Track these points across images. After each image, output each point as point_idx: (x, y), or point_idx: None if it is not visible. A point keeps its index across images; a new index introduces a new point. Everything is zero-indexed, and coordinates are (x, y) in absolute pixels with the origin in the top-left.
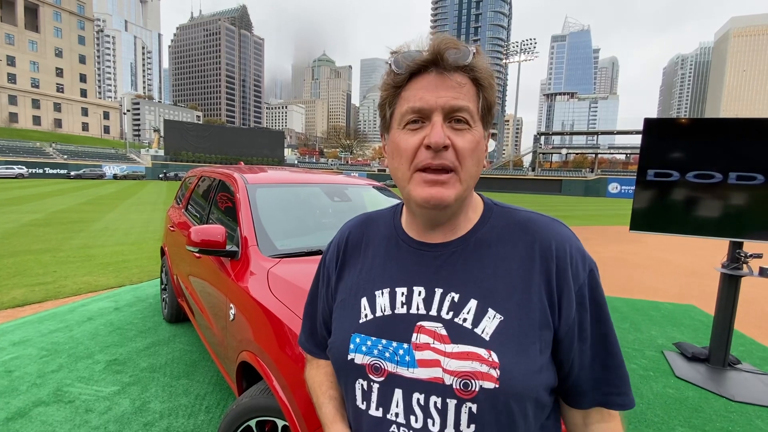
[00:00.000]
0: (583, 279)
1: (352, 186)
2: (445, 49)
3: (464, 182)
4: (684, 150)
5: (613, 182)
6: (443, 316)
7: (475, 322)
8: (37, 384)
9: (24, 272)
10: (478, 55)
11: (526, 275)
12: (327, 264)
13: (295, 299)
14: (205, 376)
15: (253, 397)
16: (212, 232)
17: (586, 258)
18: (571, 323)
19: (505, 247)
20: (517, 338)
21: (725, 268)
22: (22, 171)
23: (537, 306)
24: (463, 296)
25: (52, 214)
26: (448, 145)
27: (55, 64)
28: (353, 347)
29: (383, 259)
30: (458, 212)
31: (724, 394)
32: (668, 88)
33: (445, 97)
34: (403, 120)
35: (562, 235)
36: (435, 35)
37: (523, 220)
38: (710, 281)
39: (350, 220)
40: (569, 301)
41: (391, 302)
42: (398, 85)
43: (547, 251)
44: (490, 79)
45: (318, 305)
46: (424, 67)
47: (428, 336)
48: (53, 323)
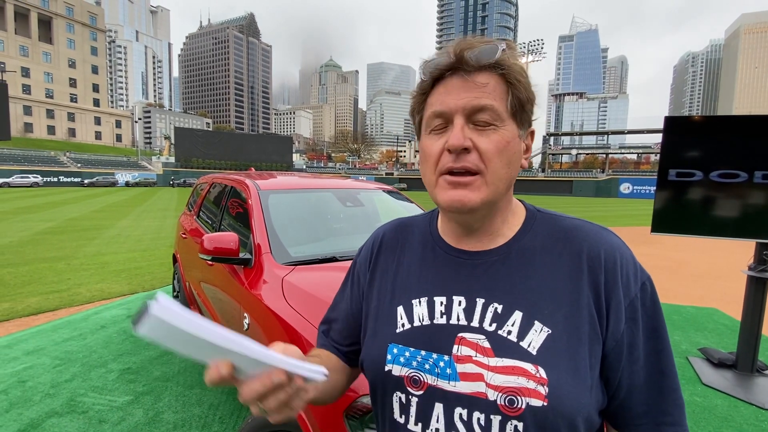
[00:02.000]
0: (635, 292)
1: (364, 191)
2: (467, 50)
3: (491, 185)
4: (707, 149)
5: (625, 182)
6: (486, 327)
7: (520, 335)
8: (51, 394)
9: (38, 280)
10: (508, 50)
11: (573, 286)
12: (358, 266)
13: (310, 308)
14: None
15: None
16: (225, 240)
17: (638, 269)
18: (618, 339)
19: (550, 256)
20: (566, 353)
21: (752, 270)
22: (37, 180)
23: (586, 319)
24: (507, 307)
25: (66, 221)
26: (470, 147)
27: (69, 75)
28: (390, 358)
29: (419, 266)
30: (495, 217)
31: (755, 401)
32: (679, 86)
33: (465, 98)
34: (429, 125)
35: (612, 244)
36: (465, 38)
37: (569, 227)
38: (732, 283)
39: (384, 225)
40: (618, 314)
41: (429, 312)
42: (424, 92)
43: (596, 261)
44: (519, 75)
45: (341, 309)
46: (446, 71)
47: (470, 348)
48: (67, 331)
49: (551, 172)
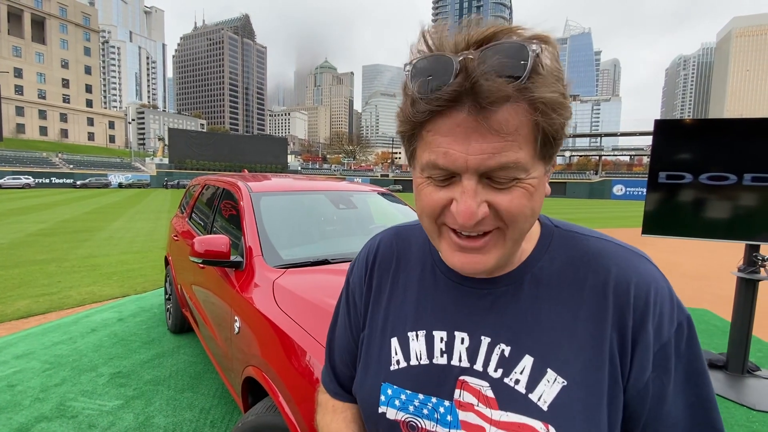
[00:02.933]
0: (668, 336)
1: (357, 193)
2: (486, 73)
3: (510, 240)
4: (696, 151)
5: (618, 184)
6: (490, 373)
7: (530, 386)
8: (40, 398)
9: (29, 283)
10: (541, 56)
11: (596, 327)
12: (351, 286)
13: (301, 312)
14: (209, 388)
15: (259, 414)
16: (216, 243)
17: (675, 307)
18: (641, 389)
19: (569, 289)
20: (583, 412)
21: (742, 272)
22: (29, 181)
23: (609, 370)
24: (516, 350)
25: (58, 223)
26: (488, 215)
27: (62, 75)
28: (384, 399)
29: (417, 291)
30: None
31: (745, 402)
32: (671, 89)
33: (480, 155)
34: (426, 171)
35: (643, 275)
36: (471, 22)
37: (594, 251)
38: (722, 284)
39: (380, 233)
40: (643, 361)
41: (428, 349)
42: (418, 122)
43: (624, 296)
44: (558, 99)
45: (337, 334)
46: (451, 103)
47: (472, 396)
48: (57, 335)
49: None
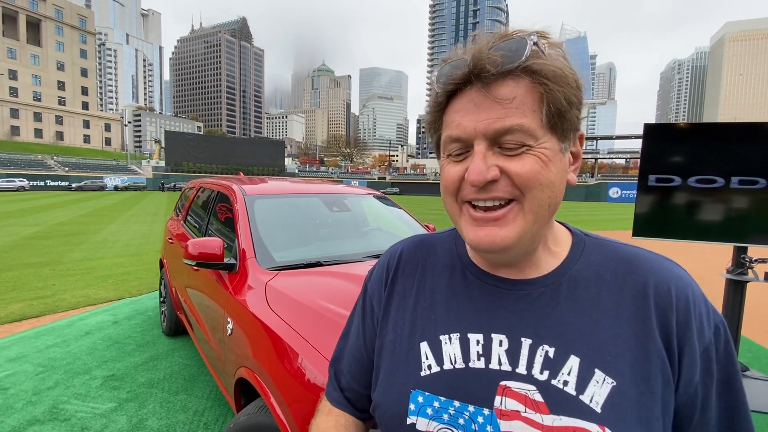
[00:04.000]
0: (709, 338)
1: (352, 196)
2: (486, 56)
3: (530, 213)
4: (685, 155)
5: (614, 187)
6: (536, 376)
7: (579, 387)
8: (33, 402)
9: (22, 286)
10: (539, 45)
11: (640, 327)
12: (370, 291)
13: (293, 314)
14: (203, 391)
15: (251, 415)
16: (210, 245)
17: (710, 310)
18: (692, 393)
19: (608, 290)
20: (636, 411)
21: (730, 273)
22: (23, 183)
23: (658, 368)
24: (561, 351)
25: (53, 226)
26: (497, 177)
27: (57, 78)
28: (414, 408)
29: (446, 294)
30: (532, 248)
31: None
32: (666, 92)
33: (486, 120)
34: (446, 150)
35: (682, 279)
36: (482, 34)
37: (629, 256)
38: (714, 286)
39: (401, 241)
40: (692, 364)
41: (463, 352)
42: (439, 108)
43: (665, 298)
44: (556, 75)
45: (349, 344)
46: (462, 83)
47: (518, 402)
48: (50, 338)
49: None
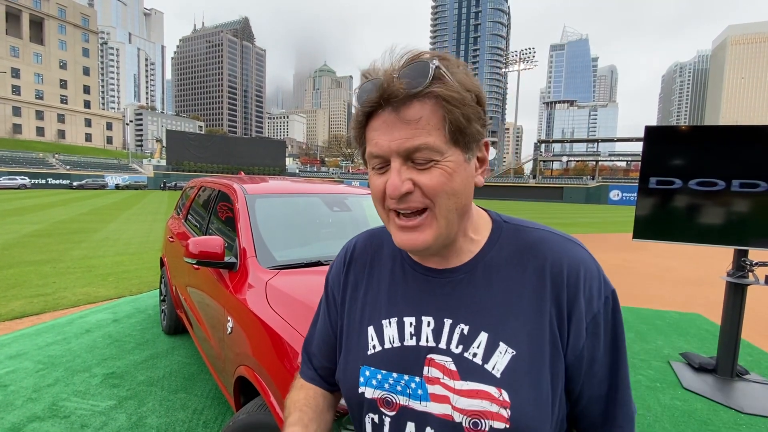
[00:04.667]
0: (598, 307)
1: (352, 195)
2: (394, 83)
3: (442, 218)
4: (686, 157)
5: (615, 189)
6: (453, 349)
7: (485, 358)
8: (33, 399)
9: (23, 284)
10: (442, 62)
11: (537, 303)
12: (331, 285)
13: (293, 313)
14: (203, 389)
15: (250, 413)
16: (210, 244)
17: (602, 283)
18: (578, 353)
19: (515, 272)
20: (529, 375)
21: (731, 276)
22: (25, 182)
23: (548, 337)
24: (473, 328)
25: (54, 224)
26: (411, 190)
27: (59, 76)
28: (363, 380)
29: (388, 283)
30: (455, 240)
31: (733, 405)
32: (667, 95)
33: (398, 140)
34: (370, 163)
35: (575, 257)
36: (396, 53)
37: (535, 240)
38: (715, 289)
39: (355, 236)
40: (578, 330)
41: (399, 333)
42: (360, 126)
43: (559, 276)
44: (457, 96)
45: (318, 329)
46: (376, 106)
47: (438, 370)
48: (51, 336)
49: (542, 178)
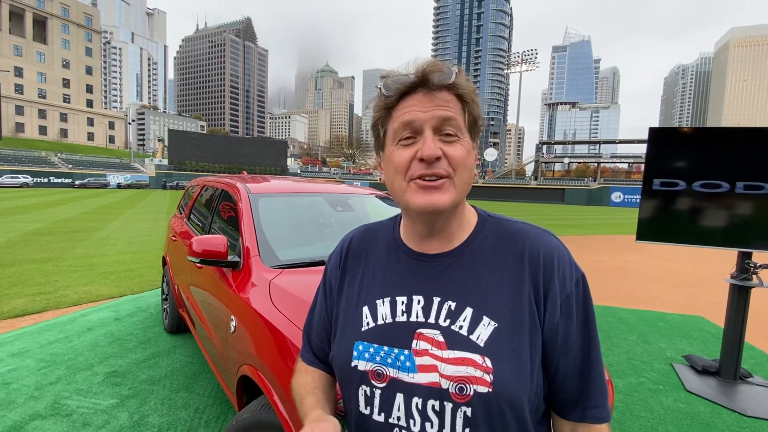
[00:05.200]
0: (570, 288)
1: (355, 195)
2: (430, 72)
3: (458, 187)
4: (690, 159)
5: (616, 191)
6: (441, 323)
7: (470, 330)
8: (35, 396)
9: (25, 282)
10: (460, 74)
11: (517, 283)
12: (329, 274)
13: (297, 312)
14: (205, 388)
15: (254, 412)
16: (214, 243)
17: (573, 267)
18: (554, 329)
19: (497, 257)
20: (509, 344)
21: (734, 279)
22: (27, 180)
23: (527, 313)
24: (460, 304)
25: (56, 223)
26: (441, 156)
27: (62, 75)
28: (356, 354)
29: (383, 269)
30: (452, 222)
31: (737, 408)
32: (669, 97)
33: (433, 110)
34: (397, 136)
35: (550, 245)
36: (419, 60)
37: (514, 230)
38: (718, 291)
39: (351, 231)
40: (553, 307)
41: (392, 310)
42: (389, 106)
43: (535, 260)
44: (473, 95)
45: (315, 314)
46: (412, 88)
47: (427, 342)
48: (53, 334)
49: (544, 180)
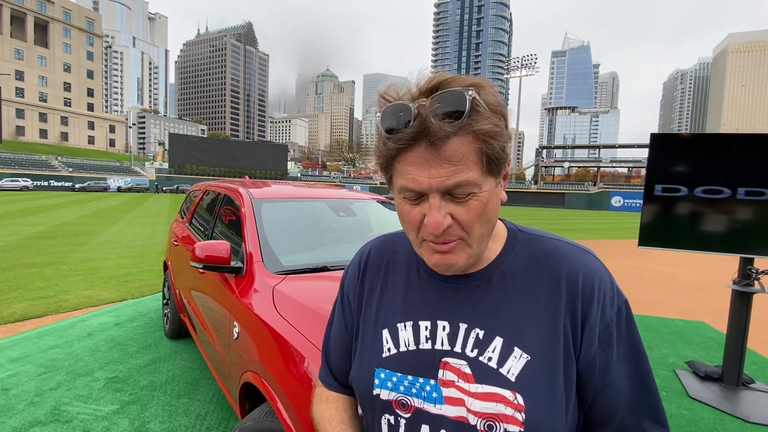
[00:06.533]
0: (611, 316)
1: (357, 201)
2: (433, 114)
3: (474, 245)
4: (692, 165)
5: (616, 195)
6: (468, 353)
7: (500, 362)
8: (35, 403)
9: (25, 286)
10: (477, 104)
11: (552, 311)
12: (346, 288)
13: (300, 318)
14: (206, 394)
15: (257, 420)
16: (217, 248)
17: (615, 293)
18: (590, 361)
19: (531, 280)
20: (543, 380)
21: (737, 284)
22: (27, 183)
23: (563, 345)
24: (488, 333)
25: (56, 226)
26: (451, 224)
27: (63, 79)
28: (378, 383)
29: (404, 288)
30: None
31: (740, 415)
32: (668, 102)
33: (438, 178)
34: (401, 192)
35: (590, 267)
36: (422, 80)
37: (550, 250)
38: (719, 297)
39: (369, 241)
40: (590, 338)
41: (414, 336)
42: (390, 156)
43: (574, 285)
44: (493, 130)
45: (333, 332)
46: (412, 141)
47: (453, 374)
48: (53, 339)
49: (544, 184)
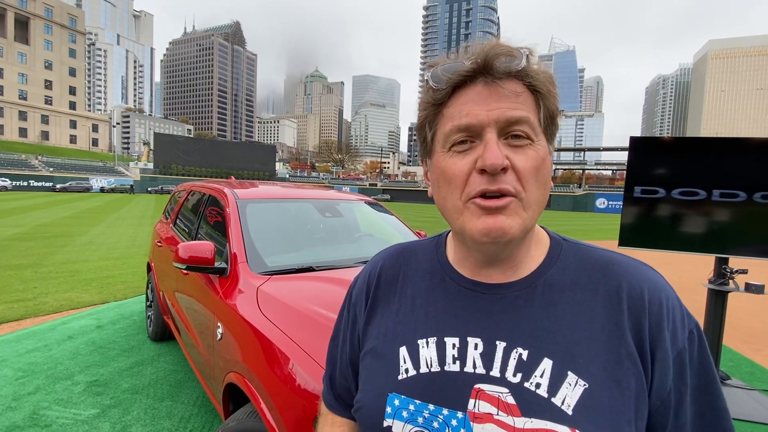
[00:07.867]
0: (683, 342)
1: (344, 201)
2: (494, 55)
3: (529, 209)
4: (669, 167)
5: (601, 197)
6: (509, 378)
7: (552, 390)
8: (12, 407)
9: (3, 288)
10: (532, 57)
11: (612, 330)
12: (354, 300)
13: (284, 318)
14: (189, 397)
15: (240, 420)
16: (201, 249)
17: (685, 314)
18: (664, 397)
19: (583, 294)
20: (608, 414)
21: (712, 283)
22: (5, 183)
23: (630, 371)
24: (534, 353)
25: (36, 227)
26: (507, 166)
27: (44, 77)
28: (390, 411)
29: (426, 299)
30: (521, 245)
31: None
32: (651, 107)
33: (498, 109)
34: (448, 141)
35: (656, 283)
36: (475, 44)
37: (604, 260)
38: (697, 296)
39: (382, 251)
40: (664, 368)
41: (439, 356)
42: (439, 102)
43: (638, 302)
44: (549, 85)
45: (338, 349)
46: (469, 77)
47: (490, 404)
48: (31, 342)
49: None
